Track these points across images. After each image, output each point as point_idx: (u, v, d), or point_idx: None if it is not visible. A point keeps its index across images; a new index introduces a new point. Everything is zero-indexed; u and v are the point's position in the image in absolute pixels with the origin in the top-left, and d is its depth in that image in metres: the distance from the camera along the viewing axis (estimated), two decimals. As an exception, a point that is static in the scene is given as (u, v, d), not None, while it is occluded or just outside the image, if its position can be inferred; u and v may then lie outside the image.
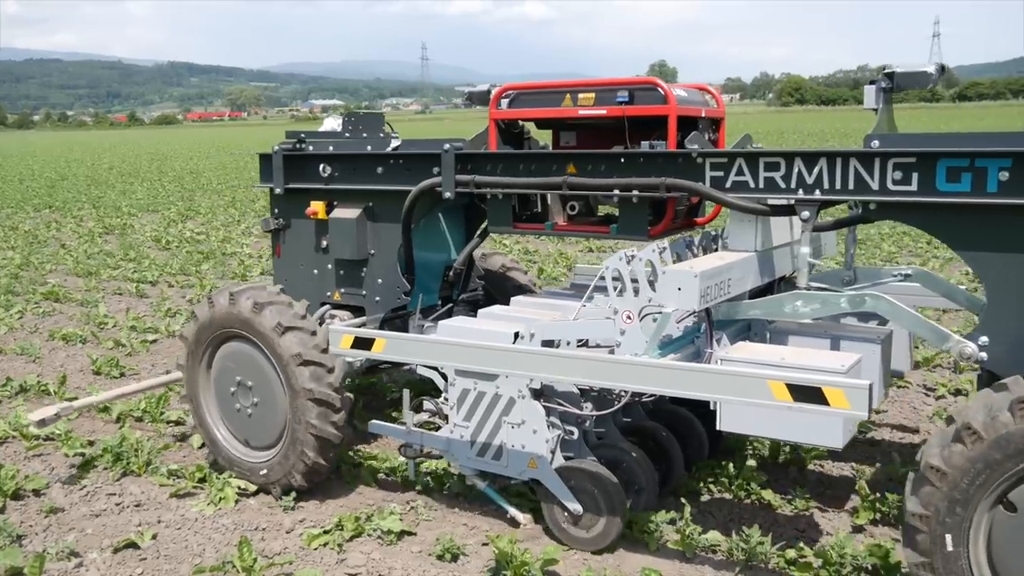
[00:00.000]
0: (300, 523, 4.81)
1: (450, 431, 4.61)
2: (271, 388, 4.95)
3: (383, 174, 5.16)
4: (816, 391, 3.33)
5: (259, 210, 20.63)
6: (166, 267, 13.18)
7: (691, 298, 3.90)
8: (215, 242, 15.67)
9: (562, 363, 3.90)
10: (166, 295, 11.16)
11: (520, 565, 4.08)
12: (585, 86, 4.65)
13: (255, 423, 5.10)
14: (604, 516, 4.29)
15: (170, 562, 4.45)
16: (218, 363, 5.20)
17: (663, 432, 4.86)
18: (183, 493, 5.21)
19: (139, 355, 8.39)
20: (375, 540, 4.58)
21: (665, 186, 4.21)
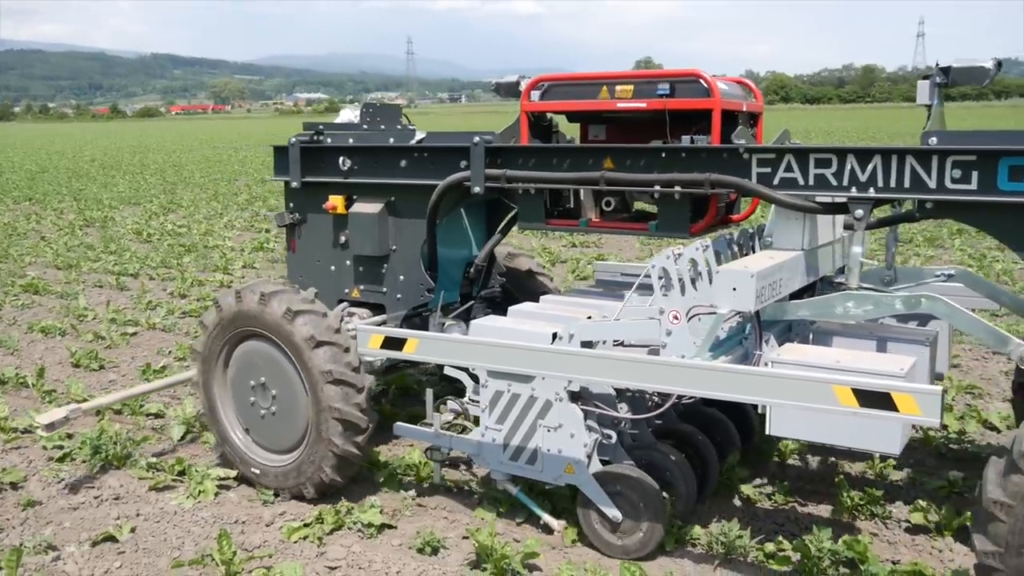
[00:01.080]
0: (280, 516, 4.79)
1: (481, 434, 4.46)
2: (293, 395, 4.77)
3: (407, 168, 5.00)
4: (884, 396, 3.21)
5: (241, 203, 20.55)
6: (147, 260, 13.11)
7: (747, 299, 3.76)
8: (197, 235, 15.59)
9: (610, 365, 3.78)
10: (147, 288, 11.11)
11: (500, 558, 4.07)
12: (623, 78, 4.51)
13: (272, 427, 4.93)
14: (645, 523, 4.15)
15: (149, 555, 4.42)
16: (237, 361, 5.01)
17: (699, 435, 4.72)
18: (162, 486, 5.19)
19: (119, 348, 8.34)
20: (355, 533, 4.57)
21: (710, 182, 4.08)
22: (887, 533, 4.47)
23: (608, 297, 4.98)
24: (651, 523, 4.13)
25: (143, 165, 35.75)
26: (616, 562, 4.17)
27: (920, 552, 4.28)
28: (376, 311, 5.35)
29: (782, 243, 4.31)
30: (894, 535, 4.46)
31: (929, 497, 4.71)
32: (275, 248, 13.93)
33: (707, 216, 4.38)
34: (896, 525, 4.55)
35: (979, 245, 12.61)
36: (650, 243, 13.34)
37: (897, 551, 4.29)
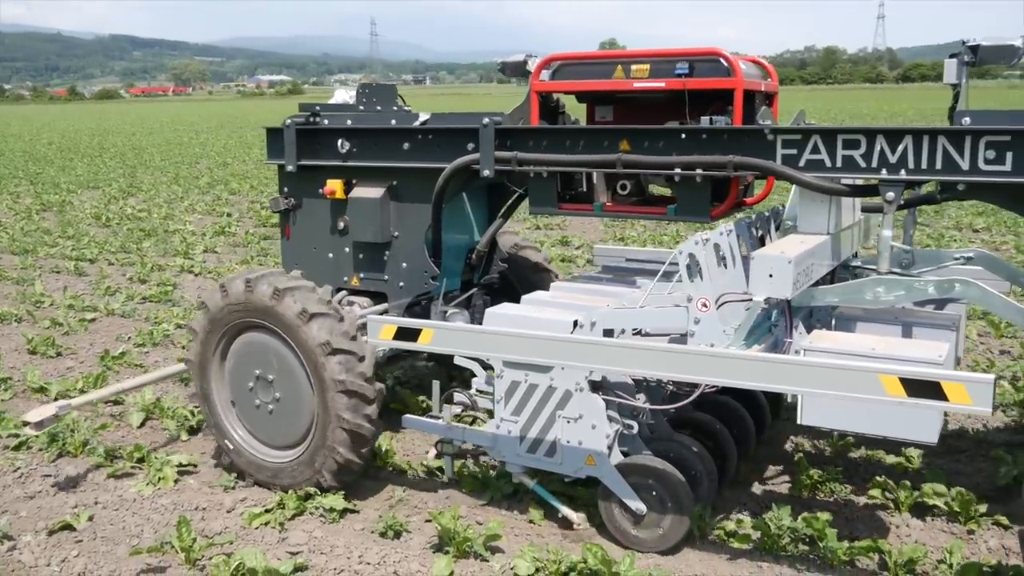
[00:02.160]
0: (241, 502, 4.76)
1: (496, 426, 4.34)
2: (295, 381, 4.60)
3: (410, 150, 4.81)
4: (933, 386, 3.10)
5: (203, 187, 20.34)
6: (106, 245, 12.93)
7: (784, 285, 3.66)
8: (157, 219, 15.40)
9: (639, 355, 3.63)
10: (106, 273, 10.96)
11: (463, 541, 4.08)
12: (638, 57, 4.36)
13: (277, 420, 4.75)
14: (670, 516, 4.05)
15: (107, 544, 4.37)
16: (234, 356, 4.83)
17: (717, 424, 4.62)
18: (121, 474, 5.13)
19: (77, 334, 8.22)
20: (317, 518, 4.55)
21: (733, 164, 3.96)
22: (845, 510, 4.52)
23: (619, 284, 4.88)
24: (676, 516, 4.04)
25: (102, 148, 35.24)
26: (579, 542, 4.18)
27: (878, 528, 4.33)
28: (376, 300, 5.20)
29: (807, 227, 4.17)
30: (852, 512, 4.51)
31: (887, 474, 4.77)
32: (236, 232, 13.80)
33: (728, 199, 4.29)
34: (854, 502, 4.61)
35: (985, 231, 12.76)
36: (614, 225, 13.37)
37: (855, 528, 4.35)
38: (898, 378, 3.14)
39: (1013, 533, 4.27)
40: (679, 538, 4.07)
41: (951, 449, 5.22)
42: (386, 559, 4.14)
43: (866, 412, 3.61)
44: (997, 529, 4.31)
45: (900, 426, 3.62)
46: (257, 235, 13.40)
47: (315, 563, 4.13)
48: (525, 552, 4.03)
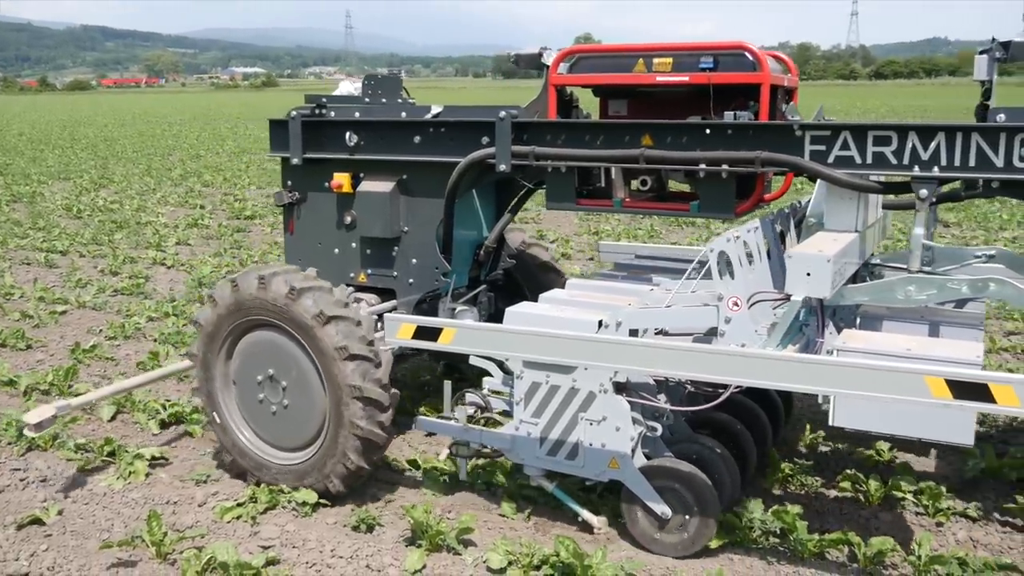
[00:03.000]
0: (213, 496, 4.73)
1: (515, 428, 4.23)
2: (307, 383, 4.47)
3: (421, 144, 4.68)
4: (981, 388, 3.04)
5: (176, 178, 20.18)
6: (77, 236, 12.81)
7: (822, 285, 3.58)
8: (129, 211, 15.28)
9: (672, 356, 3.53)
10: (77, 265, 10.86)
11: (435, 534, 4.08)
12: (660, 50, 4.26)
13: (285, 422, 4.61)
14: (695, 519, 3.96)
15: (76, 538, 4.34)
16: (241, 354, 4.68)
17: (737, 425, 4.53)
18: (91, 467, 5.09)
19: (47, 327, 8.14)
20: (289, 512, 4.53)
21: (760, 160, 3.88)
22: (816, 503, 4.56)
23: (635, 281, 4.77)
24: (702, 519, 3.96)
25: (73, 139, 34.89)
26: (551, 535, 4.19)
27: (847, 521, 4.37)
28: (383, 296, 5.08)
29: (835, 224, 4.05)
30: (822, 505, 4.55)
31: (857, 467, 4.81)
32: (209, 225, 13.71)
33: (753, 196, 4.20)
34: (824, 495, 4.64)
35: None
36: (588, 219, 13.39)
37: (825, 520, 4.38)
38: (944, 380, 3.09)
39: (981, 525, 4.32)
40: (705, 542, 3.98)
41: (918, 442, 5.28)
42: (358, 552, 4.13)
43: (901, 414, 3.55)
44: (965, 521, 4.36)
45: (935, 428, 3.55)
46: (230, 227, 13.32)
47: (287, 557, 4.12)
48: (498, 545, 4.03)
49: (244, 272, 4.57)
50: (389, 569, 4.00)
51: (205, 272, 10.13)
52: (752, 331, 3.84)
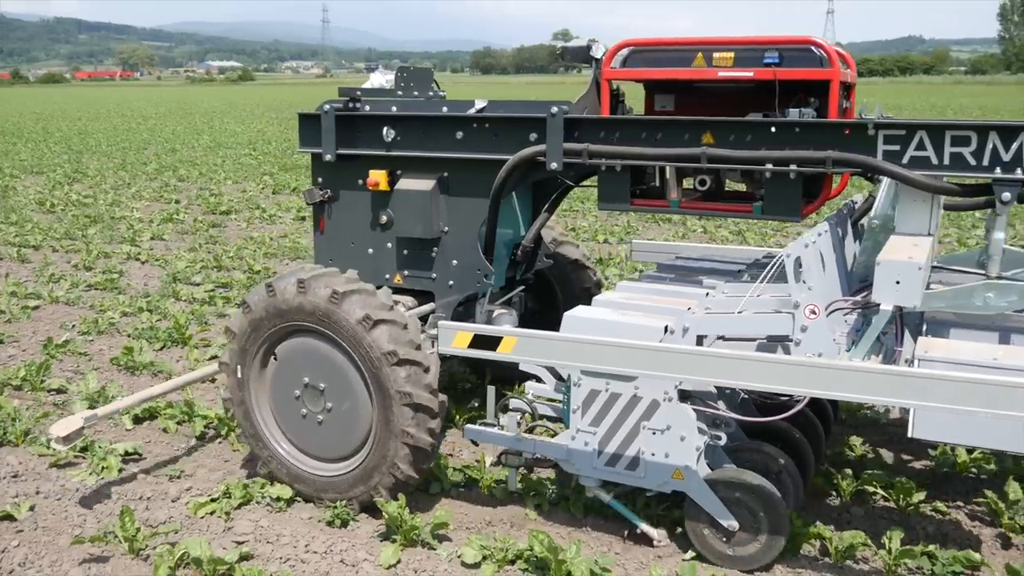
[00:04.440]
0: (186, 491, 4.72)
1: (571, 437, 4.05)
2: (351, 391, 4.28)
3: (464, 140, 4.47)
4: None
5: (151, 173, 20.02)
6: (50, 231, 12.69)
7: (913, 293, 3.44)
8: (103, 205, 15.15)
9: (754, 368, 3.40)
10: (49, 260, 10.76)
11: (410, 529, 4.08)
12: (719, 44, 4.06)
13: (327, 432, 4.41)
14: (764, 532, 3.83)
15: (48, 534, 4.31)
16: (278, 361, 4.47)
17: (795, 433, 4.35)
18: (63, 463, 5.05)
19: (20, 322, 8.07)
20: (264, 507, 4.52)
21: (832, 160, 3.71)
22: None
23: (686, 283, 4.62)
24: (771, 532, 3.83)
25: (47, 133, 34.54)
26: (524, 532, 4.20)
27: (820, 515, 4.40)
28: (420, 299, 4.85)
29: (907, 227, 3.87)
30: (795, 500, 4.58)
31: (829, 462, 4.85)
32: (184, 219, 13.62)
33: (821, 197, 4.04)
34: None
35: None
36: (565, 214, 13.40)
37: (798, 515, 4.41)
38: None
39: (951, 520, 4.37)
40: (774, 555, 3.87)
41: (892, 438, 5.33)
42: (333, 548, 4.13)
43: (986, 426, 3.42)
44: (935, 516, 4.41)
45: (1018, 440, 3.43)
46: (206, 222, 13.24)
47: (261, 552, 4.11)
48: (472, 540, 4.04)
49: (280, 276, 4.38)
50: (363, 564, 4.00)
51: (180, 267, 10.07)
52: (830, 340, 3.72)
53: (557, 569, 3.75)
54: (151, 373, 6.63)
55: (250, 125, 37.79)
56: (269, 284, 4.33)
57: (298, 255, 10.88)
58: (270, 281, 4.36)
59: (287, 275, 4.35)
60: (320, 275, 4.27)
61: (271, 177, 18.77)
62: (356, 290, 4.18)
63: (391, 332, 4.10)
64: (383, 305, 4.17)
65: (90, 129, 36.56)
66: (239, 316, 4.47)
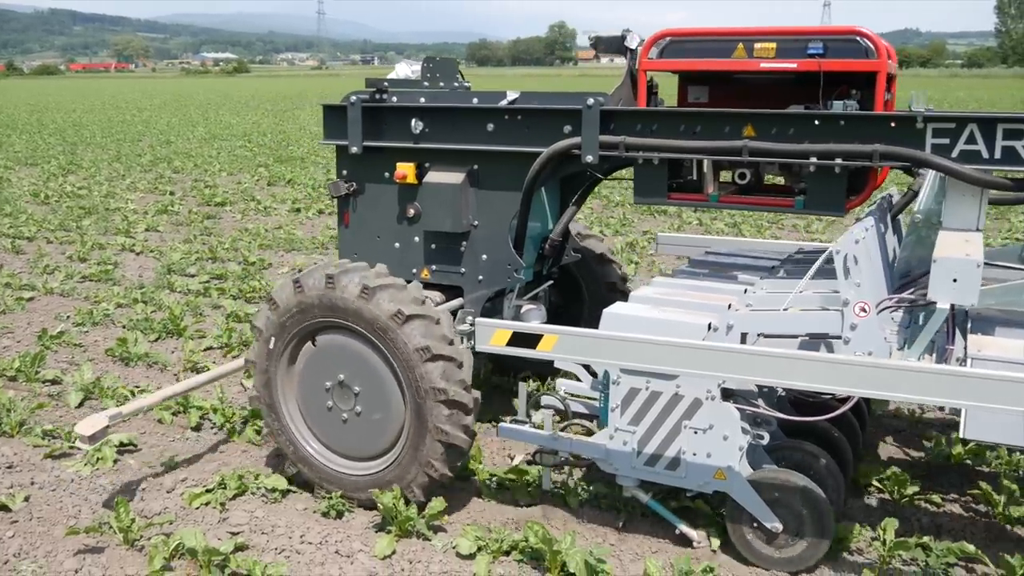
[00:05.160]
0: (181, 482, 4.72)
1: (610, 436, 3.98)
2: (382, 388, 4.21)
3: (495, 132, 4.36)
4: None
5: (145, 164, 19.97)
6: (44, 222, 12.66)
7: (970, 291, 3.36)
8: (98, 197, 15.11)
9: (804, 367, 3.32)
10: (44, 251, 10.72)
11: (405, 520, 4.08)
12: (760, 34, 3.94)
13: (358, 430, 4.34)
14: (808, 534, 3.76)
15: (43, 524, 4.31)
16: (306, 359, 4.40)
17: (834, 432, 4.26)
18: (58, 453, 5.05)
19: (14, 313, 8.05)
20: (259, 498, 4.52)
21: (879, 154, 3.60)
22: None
23: (721, 279, 4.52)
24: (815, 535, 3.76)
25: (41, 124, 34.42)
26: (514, 519, 4.20)
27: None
28: (447, 294, 4.74)
29: (955, 223, 3.74)
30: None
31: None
32: (179, 211, 13.59)
33: (866, 191, 3.90)
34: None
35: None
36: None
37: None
38: None
39: (945, 511, 4.38)
40: (818, 558, 3.80)
41: (886, 429, 5.34)
42: (328, 538, 4.13)
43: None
44: (929, 508, 4.42)
45: None
46: (200, 214, 13.21)
47: (256, 543, 4.11)
48: (467, 531, 4.05)
49: (308, 271, 4.28)
50: (358, 555, 4.00)
51: (175, 259, 10.05)
52: (881, 339, 3.64)
53: (552, 560, 3.76)
54: (146, 364, 6.62)
55: (245, 117, 37.71)
56: (296, 279, 4.24)
57: (293, 247, 10.86)
58: (297, 276, 4.27)
59: (315, 270, 4.25)
60: (349, 270, 4.18)
61: (266, 169, 18.75)
62: (387, 285, 4.10)
63: (424, 327, 4.02)
64: (415, 300, 4.09)
65: (85, 121, 36.46)
66: (265, 313, 4.38)
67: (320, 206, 13.81)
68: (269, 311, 4.35)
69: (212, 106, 47.21)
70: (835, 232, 11.36)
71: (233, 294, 8.59)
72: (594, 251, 5.70)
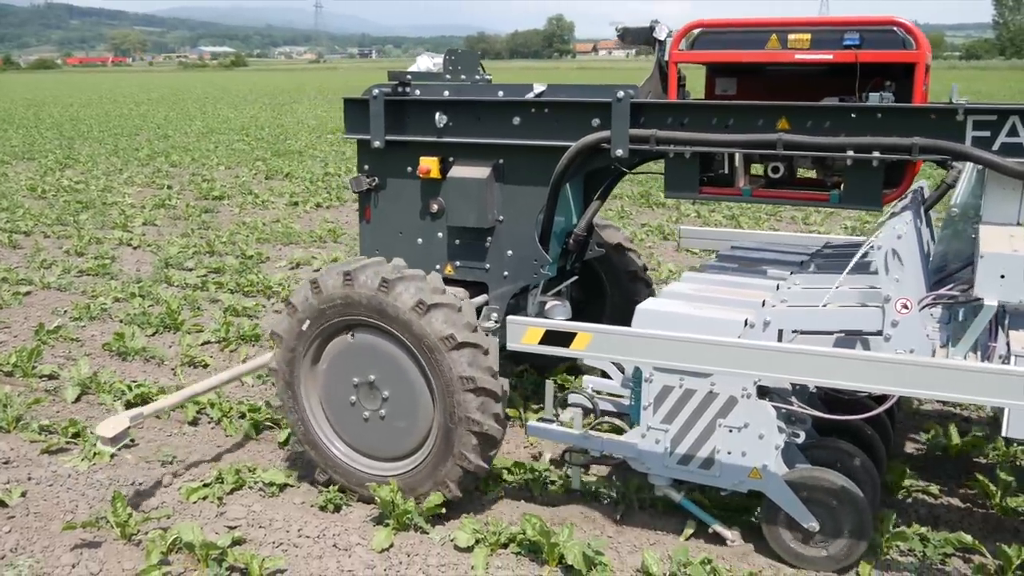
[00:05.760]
0: (178, 477, 4.71)
1: (642, 435, 3.92)
2: (408, 382, 4.13)
3: (521, 126, 4.28)
4: None
5: (143, 159, 19.94)
6: (42, 217, 12.63)
7: (1018, 287, 3.27)
8: (95, 191, 15.08)
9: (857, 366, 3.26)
10: (41, 246, 10.71)
11: (403, 513, 4.08)
12: (793, 25, 3.87)
13: (387, 429, 4.25)
14: (846, 533, 3.70)
15: (40, 519, 4.30)
16: (329, 361, 4.32)
17: (868, 430, 4.17)
18: (55, 449, 5.04)
19: (11, 307, 8.04)
20: (256, 492, 4.52)
21: (919, 147, 3.52)
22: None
23: (750, 274, 4.47)
24: (853, 535, 3.69)
25: (38, 119, 34.37)
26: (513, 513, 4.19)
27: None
28: (471, 290, 4.60)
29: (994, 217, 3.66)
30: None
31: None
32: (176, 205, 13.57)
33: (903, 185, 3.83)
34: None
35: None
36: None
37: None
38: None
39: (942, 503, 4.38)
40: (856, 558, 3.74)
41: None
42: (325, 532, 4.13)
43: None
44: (927, 499, 4.42)
45: None
46: (198, 208, 13.20)
47: (253, 537, 4.11)
48: (465, 524, 4.05)
49: (325, 271, 4.21)
50: (356, 548, 4.00)
51: (172, 253, 10.04)
52: (924, 336, 3.59)
53: (550, 552, 3.76)
54: (143, 359, 6.61)
55: (243, 111, 37.65)
56: (313, 281, 4.18)
57: (290, 240, 10.85)
58: (314, 277, 4.21)
59: (331, 269, 4.20)
60: (366, 265, 4.13)
61: (264, 163, 18.71)
62: (406, 276, 4.05)
63: (447, 315, 3.96)
64: (436, 289, 4.05)
65: (82, 115, 36.40)
66: (284, 318, 4.31)
67: (318, 199, 13.79)
68: (288, 316, 4.28)
69: (210, 100, 47.16)
70: (832, 225, 11.35)
71: (231, 288, 8.58)
72: (611, 241, 5.61)
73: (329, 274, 4.15)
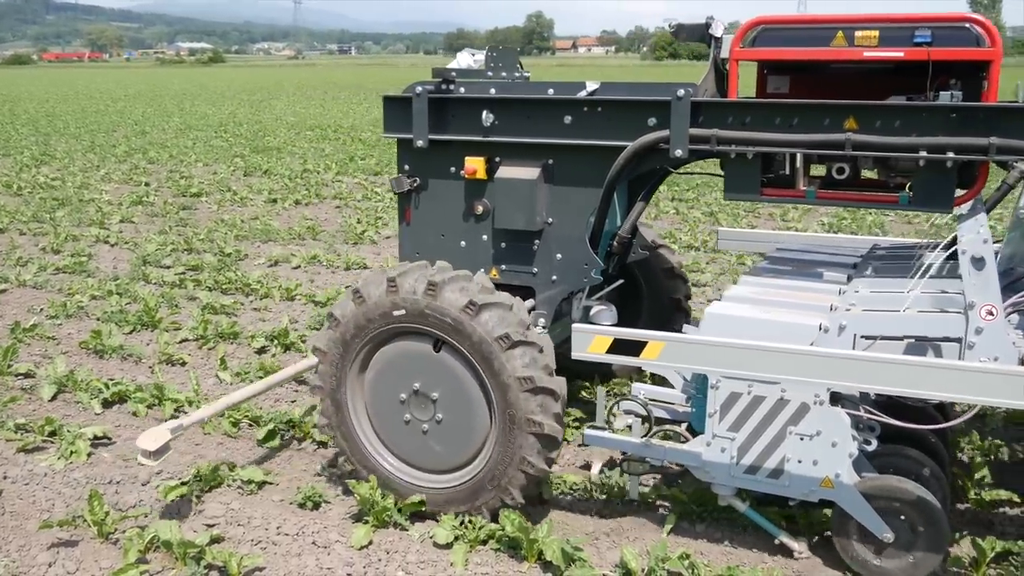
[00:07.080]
0: (156, 475, 4.69)
1: (707, 443, 3.79)
2: (462, 389, 4.01)
3: (573, 125, 4.10)
4: None
5: (120, 155, 19.80)
6: (17, 214, 12.52)
7: None
8: (71, 188, 14.97)
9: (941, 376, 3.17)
10: (16, 243, 10.63)
11: (382, 511, 4.08)
12: (859, 22, 3.73)
13: (440, 440, 4.12)
14: (921, 545, 3.59)
15: (16, 518, 4.27)
16: (376, 372, 4.18)
17: (932, 438, 4.01)
18: (31, 447, 5.01)
19: (-14, 306, 7.98)
20: (235, 490, 4.51)
21: (996, 147, 3.38)
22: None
23: (806, 278, 4.34)
24: (928, 548, 3.59)
25: (13, 115, 34.05)
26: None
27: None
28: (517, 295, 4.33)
29: None
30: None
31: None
32: (154, 202, 13.49)
33: (976, 186, 3.69)
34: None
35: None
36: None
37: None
38: None
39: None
40: (932, 568, 3.63)
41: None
42: (304, 530, 4.12)
43: None
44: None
45: None
46: (176, 205, 13.13)
47: (232, 535, 4.10)
48: (444, 521, 4.05)
49: (367, 279, 4.08)
50: (335, 546, 4.00)
51: (150, 250, 9.99)
52: (1010, 344, 3.46)
53: (529, 549, 3.77)
54: (120, 357, 6.57)
55: (221, 107, 37.45)
56: (356, 290, 4.04)
57: (269, 237, 10.81)
58: (356, 287, 4.07)
59: (373, 276, 4.07)
60: (409, 270, 4.01)
61: (242, 159, 18.63)
62: (453, 277, 3.94)
63: (499, 315, 3.85)
64: (485, 289, 3.94)
65: (58, 111, 36.09)
66: (326, 332, 4.18)
67: (296, 196, 13.74)
68: (331, 329, 4.17)
69: (187, 96, 46.88)
70: (810, 222, 11.41)
71: (209, 285, 8.54)
72: (663, 265, 5.51)
73: (371, 282, 4.03)
